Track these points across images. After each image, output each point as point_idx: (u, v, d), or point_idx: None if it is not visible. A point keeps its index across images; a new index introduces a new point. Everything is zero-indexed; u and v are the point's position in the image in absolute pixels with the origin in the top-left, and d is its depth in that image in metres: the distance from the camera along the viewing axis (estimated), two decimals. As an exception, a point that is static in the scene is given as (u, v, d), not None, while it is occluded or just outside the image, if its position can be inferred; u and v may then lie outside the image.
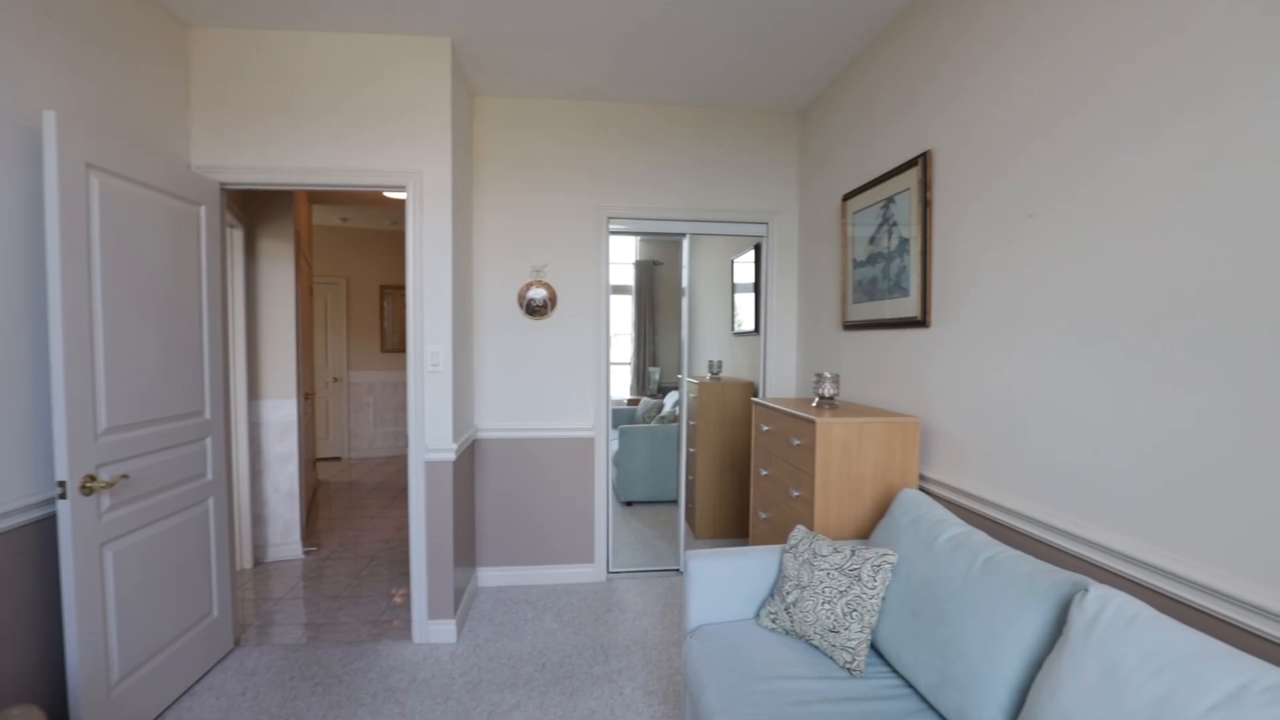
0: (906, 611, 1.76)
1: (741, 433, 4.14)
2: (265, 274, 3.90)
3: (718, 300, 4.60)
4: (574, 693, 2.50)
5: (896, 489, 2.31)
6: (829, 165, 3.25)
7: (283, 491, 3.99)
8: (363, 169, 2.80)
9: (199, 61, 2.73)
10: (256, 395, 3.90)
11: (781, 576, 2.05)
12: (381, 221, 6.88)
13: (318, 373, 7.03)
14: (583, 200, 3.54)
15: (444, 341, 2.88)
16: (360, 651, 2.83)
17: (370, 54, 2.80)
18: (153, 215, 2.33)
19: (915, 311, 2.41)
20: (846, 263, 2.97)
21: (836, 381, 2.57)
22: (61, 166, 1.92)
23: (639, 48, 2.90)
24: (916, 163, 2.38)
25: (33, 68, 1.96)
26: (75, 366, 1.97)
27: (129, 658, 2.19)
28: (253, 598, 3.44)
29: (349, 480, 6.28)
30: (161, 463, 2.38)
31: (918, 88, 2.44)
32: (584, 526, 3.63)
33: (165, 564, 2.40)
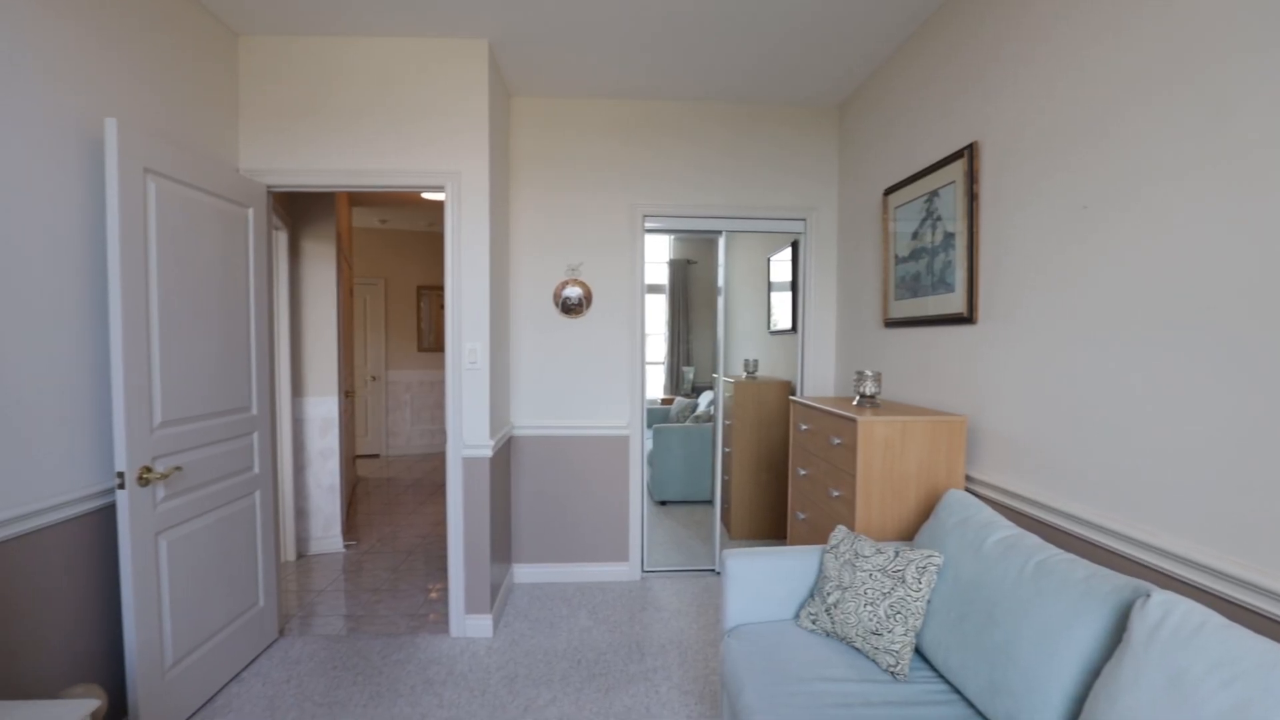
0: (953, 615, 1.71)
1: (778, 432, 4.09)
2: (308, 274, 4.00)
3: (753, 299, 4.55)
4: (609, 690, 2.50)
5: (941, 490, 2.25)
6: (869, 159, 3.19)
7: (324, 486, 4.09)
8: (403, 170, 2.85)
9: (247, 68, 2.81)
10: (300, 392, 4.01)
11: (822, 577, 2.01)
12: (419, 223, 7.01)
13: (357, 371, 7.19)
14: (617, 199, 3.54)
15: (481, 339, 2.91)
16: (399, 644, 2.88)
17: (410, 57, 2.85)
18: (204, 217, 2.41)
19: (961, 308, 2.34)
20: (888, 259, 2.91)
21: (878, 380, 2.52)
22: (122, 171, 2.00)
23: (672, 44, 2.89)
24: (962, 154, 2.31)
25: (95, 76, 2.05)
26: (133, 362, 2.05)
27: (181, 643, 2.27)
28: (296, 589, 3.53)
29: (387, 477, 6.41)
30: (211, 456, 2.46)
31: (964, 78, 2.37)
32: (618, 525, 3.63)
33: (215, 554, 2.48)
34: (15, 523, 1.77)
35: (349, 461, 5.25)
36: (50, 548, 1.89)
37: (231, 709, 2.37)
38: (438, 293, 7.55)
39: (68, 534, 1.95)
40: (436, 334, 7.57)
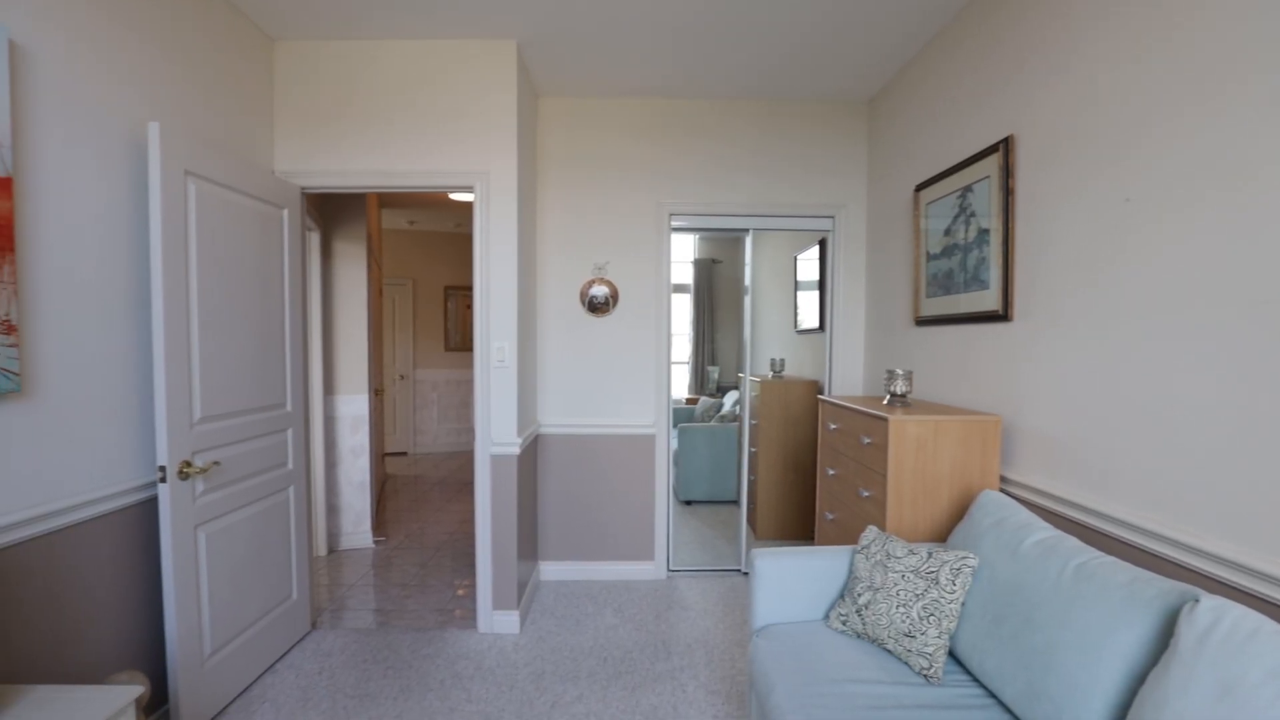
0: (989, 618, 1.67)
1: (805, 432, 4.05)
2: (339, 275, 4.08)
3: (779, 297, 4.52)
4: (636, 688, 2.50)
5: (975, 490, 2.20)
6: (900, 155, 3.14)
7: (355, 483, 4.16)
8: (432, 170, 2.89)
9: (282, 72, 2.87)
10: (331, 390, 4.08)
11: (852, 578, 1.99)
12: (446, 224, 7.10)
13: (385, 370, 7.30)
14: (644, 197, 3.54)
15: (509, 338, 2.93)
16: (428, 638, 2.91)
17: (439, 59, 2.88)
18: (241, 218, 2.46)
19: (995, 305, 2.29)
20: (919, 256, 2.86)
21: (909, 378, 2.48)
22: (164, 174, 2.05)
23: (698, 41, 2.88)
24: (997, 148, 2.26)
25: (139, 82, 2.11)
26: (175, 359, 2.11)
27: (219, 633, 2.33)
28: (327, 583, 3.60)
29: (414, 474, 6.49)
30: (248, 451, 2.51)
31: (1000, 70, 2.32)
32: (644, 524, 3.63)
33: (251, 547, 2.53)
34: (66, 513, 1.83)
35: (378, 459, 5.33)
36: (97, 539, 1.96)
37: (267, 699, 2.42)
38: (464, 293, 7.63)
39: (112, 525, 2.02)
40: (463, 334, 7.65)
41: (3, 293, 1.61)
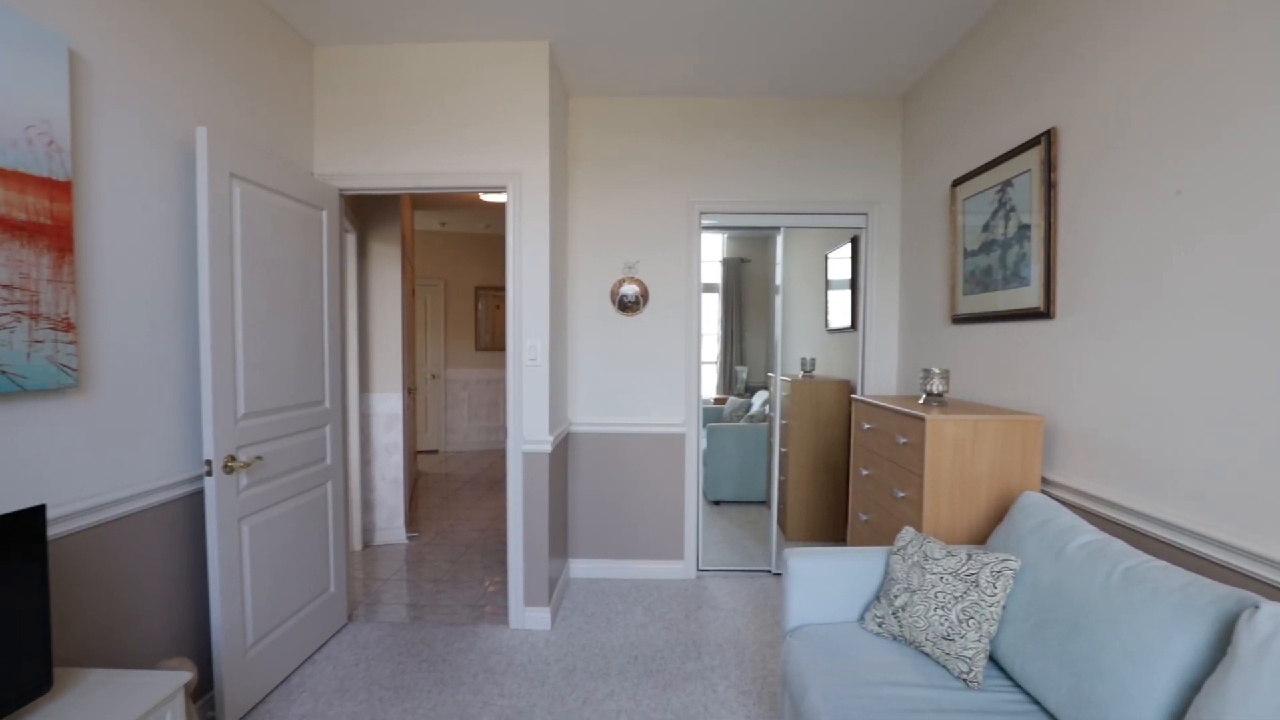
0: (1031, 622, 1.63)
1: (836, 432, 4.00)
2: (374, 275, 4.16)
3: (809, 296, 4.47)
4: (666, 686, 2.49)
5: (1015, 492, 2.15)
6: (936, 150, 3.08)
7: (389, 479, 4.23)
8: (466, 171, 2.93)
9: (321, 77, 2.94)
10: (366, 389, 4.16)
11: (888, 579, 1.96)
12: (476, 225, 7.18)
13: (418, 369, 7.42)
14: (674, 196, 3.54)
15: (541, 336, 2.96)
16: (460, 633, 2.95)
17: (472, 61, 2.92)
18: (282, 219, 2.53)
19: (1037, 302, 2.23)
20: (956, 252, 2.80)
21: (946, 377, 2.43)
22: (211, 176, 2.12)
23: (729, 38, 2.86)
24: (1039, 141, 2.21)
25: (187, 87, 2.18)
26: (220, 356, 2.17)
27: (261, 624, 2.39)
28: (362, 577, 3.67)
29: (445, 472, 6.58)
30: (289, 447, 2.58)
31: (1042, 62, 2.26)
32: (673, 523, 3.63)
33: (291, 540, 2.60)
34: (119, 504, 1.90)
35: (411, 456, 5.42)
36: (147, 530, 2.03)
37: (306, 688, 2.48)
38: (494, 293, 7.72)
39: (161, 517, 2.09)
40: (492, 333, 7.73)
41: (63, 291, 1.68)
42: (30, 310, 1.59)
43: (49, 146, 1.63)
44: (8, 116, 1.53)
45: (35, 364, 1.61)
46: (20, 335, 1.57)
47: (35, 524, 1.42)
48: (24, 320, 1.58)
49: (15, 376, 1.56)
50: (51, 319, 1.65)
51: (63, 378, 1.69)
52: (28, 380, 1.59)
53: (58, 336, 1.67)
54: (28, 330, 1.59)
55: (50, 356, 1.65)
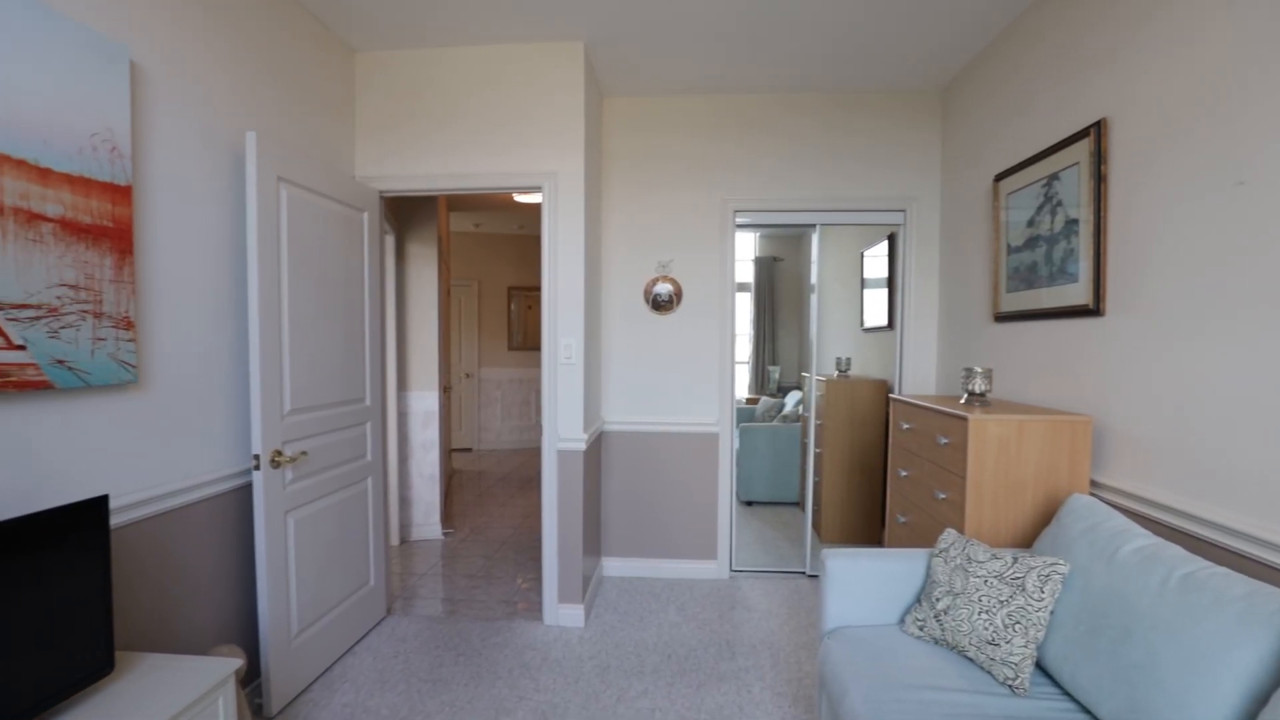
0: (1082, 628, 1.58)
1: (872, 433, 3.94)
2: (412, 275, 4.24)
3: (844, 295, 4.40)
4: (700, 686, 2.49)
5: (1063, 495, 2.09)
6: (977, 144, 3.01)
7: (425, 476, 4.31)
8: (502, 172, 2.97)
9: (362, 81, 3.01)
10: (404, 387, 4.25)
11: (930, 582, 1.92)
12: (510, 226, 7.27)
13: (452, 368, 7.54)
14: (708, 194, 3.53)
15: (576, 335, 2.98)
16: (496, 628, 2.99)
17: (509, 63, 2.96)
18: (326, 221, 2.59)
19: (1085, 299, 2.16)
20: (999, 249, 2.73)
21: (989, 376, 2.37)
22: (260, 180, 2.19)
23: (764, 33, 2.84)
24: (1088, 133, 2.14)
25: (237, 93, 2.26)
26: (268, 354, 2.24)
27: (305, 614, 2.45)
28: (399, 571, 3.74)
29: (479, 470, 6.67)
30: (332, 443, 2.64)
31: (1092, 50, 2.19)
32: (706, 523, 3.61)
33: (333, 534, 2.66)
34: (173, 496, 1.97)
35: (446, 454, 5.51)
36: (198, 521, 2.10)
37: (347, 679, 2.54)
38: (527, 293, 7.80)
39: (212, 509, 2.16)
40: (524, 333, 7.81)
41: (123, 291, 1.75)
42: (94, 309, 1.67)
43: (111, 153, 1.70)
44: (75, 125, 1.60)
45: (98, 361, 1.68)
46: (85, 333, 1.64)
47: (99, 513, 1.49)
48: (88, 319, 1.65)
49: (81, 373, 1.63)
50: (113, 318, 1.72)
51: (123, 374, 1.76)
52: (92, 376, 1.66)
53: (118, 335, 1.74)
54: (92, 328, 1.66)
55: (112, 354, 1.72)
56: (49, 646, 1.37)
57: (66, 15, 1.61)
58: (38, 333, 1.53)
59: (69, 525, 1.42)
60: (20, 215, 1.48)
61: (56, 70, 1.56)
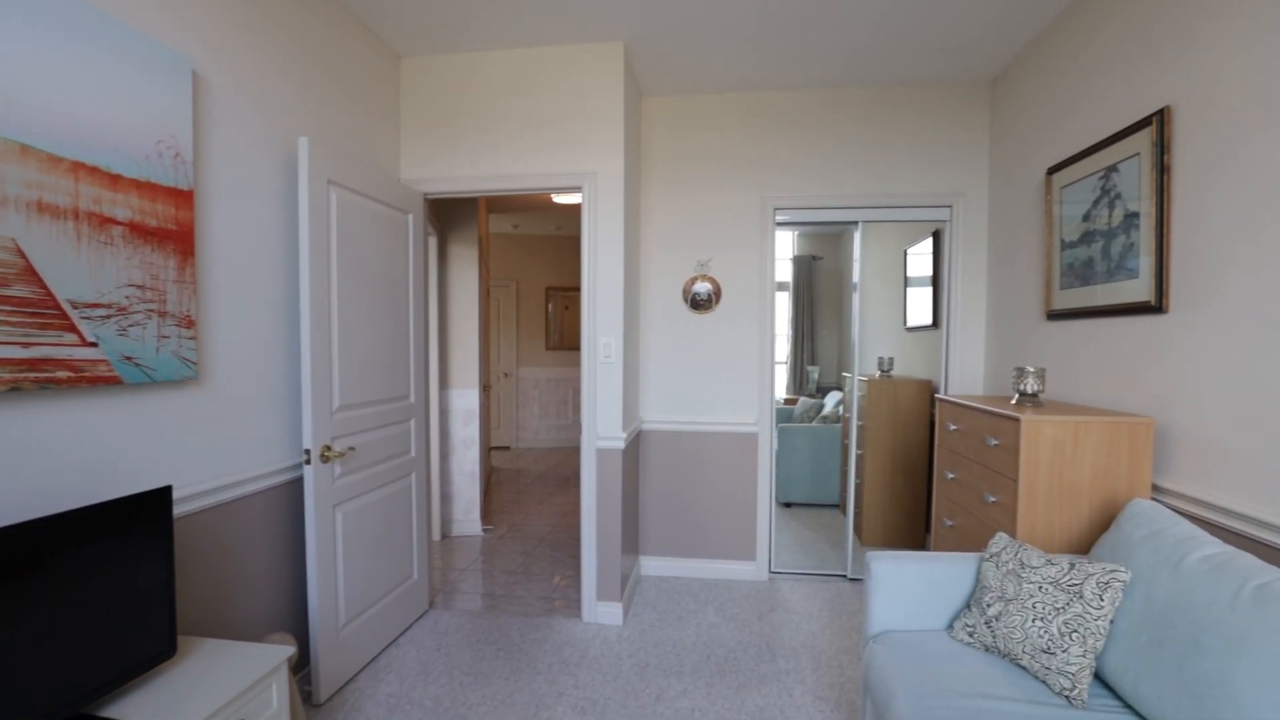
0: (1144, 638, 1.51)
1: (915, 434, 3.85)
2: (453, 276, 4.31)
3: (886, 294, 4.31)
4: (741, 687, 2.47)
5: (1122, 499, 2.00)
6: (1028, 137, 2.91)
7: (465, 473, 4.38)
8: (543, 173, 3.00)
9: (406, 86, 3.08)
10: (445, 385, 4.33)
11: (980, 587, 1.86)
12: (548, 226, 7.34)
13: (491, 368, 7.65)
14: (747, 192, 3.50)
15: (615, 334, 2.99)
16: (535, 624, 3.01)
17: (549, 65, 2.98)
18: (373, 223, 2.66)
19: (1146, 295, 2.07)
20: (1051, 244, 2.64)
21: (1041, 376, 2.29)
22: (311, 183, 2.26)
23: (803, 28, 2.80)
24: (1150, 122, 2.05)
25: (290, 99, 2.33)
26: (318, 352, 2.31)
27: (352, 605, 2.52)
28: (440, 566, 3.81)
29: (516, 468, 6.75)
30: (378, 439, 2.71)
31: (1152, 35, 2.10)
32: (745, 523, 3.58)
33: (379, 528, 2.73)
34: (230, 489, 2.05)
35: (485, 452, 5.60)
36: (252, 513, 2.18)
37: (391, 670, 2.60)
38: (564, 293, 7.86)
39: (264, 502, 2.24)
40: (561, 333, 7.88)
41: (185, 291, 1.83)
42: (159, 309, 1.74)
43: (175, 159, 1.78)
44: (142, 133, 1.68)
45: (162, 358, 1.76)
46: (150, 331, 1.72)
47: (163, 503, 1.55)
48: (154, 318, 1.73)
49: (146, 369, 1.71)
50: (176, 316, 1.80)
51: (184, 370, 1.84)
52: (156, 372, 1.74)
53: (180, 333, 1.82)
54: (157, 326, 1.74)
55: (175, 351, 1.80)
56: (118, 629, 1.43)
57: (137, 29, 1.68)
58: (108, 330, 1.60)
59: (136, 514, 1.48)
60: (93, 219, 1.56)
61: (126, 81, 1.64)
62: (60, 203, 1.48)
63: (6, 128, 1.37)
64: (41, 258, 1.44)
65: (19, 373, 1.40)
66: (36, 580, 1.27)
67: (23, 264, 1.41)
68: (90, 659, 1.37)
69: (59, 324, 1.49)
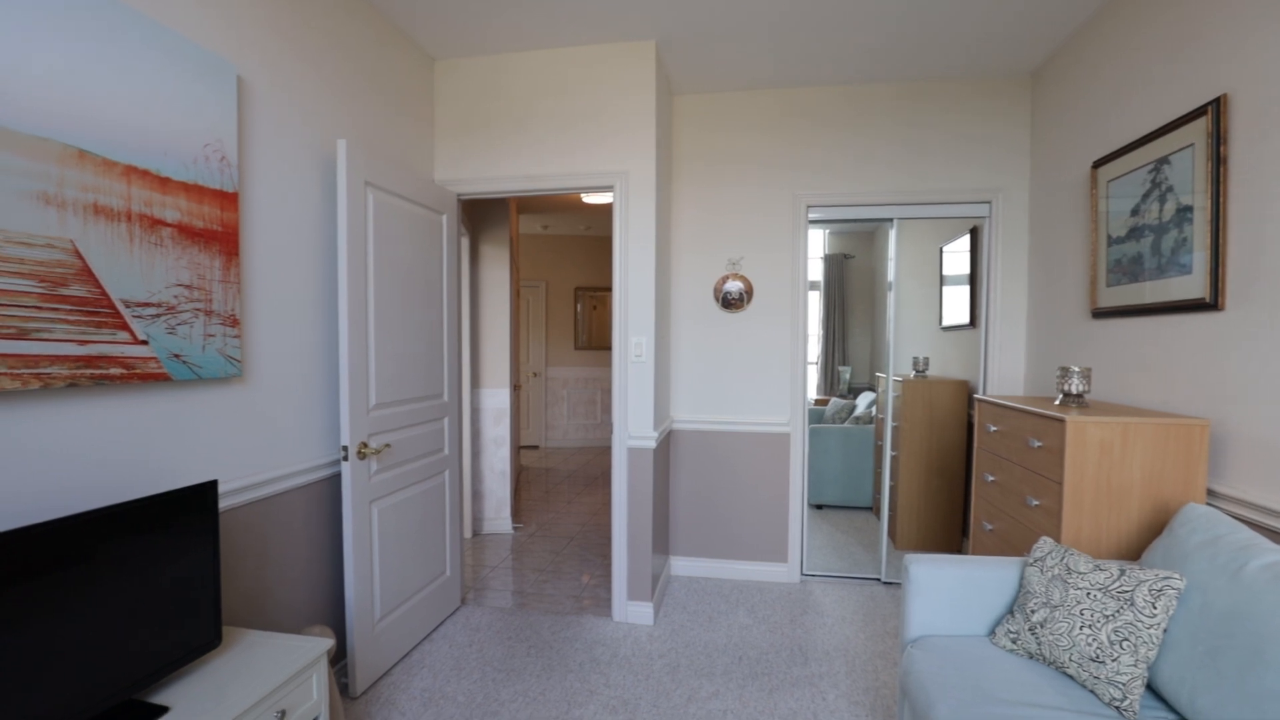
0: (1201, 649, 1.45)
1: (952, 435, 3.76)
2: (485, 276, 4.36)
3: (920, 292, 4.23)
4: (773, 690, 2.44)
5: (1174, 504, 1.93)
6: (1072, 130, 2.83)
7: (496, 471, 4.42)
8: (574, 172, 3.01)
9: (440, 88, 3.12)
10: (477, 384, 4.37)
11: (1024, 592, 1.81)
12: (577, 227, 7.38)
13: (520, 367, 7.71)
14: (779, 191, 3.47)
15: (647, 333, 2.98)
16: (565, 622, 3.02)
17: (581, 65, 2.99)
18: (408, 224, 2.70)
19: (1201, 292, 1.99)
20: (1097, 240, 2.55)
21: (1087, 376, 2.22)
22: (349, 185, 2.30)
23: (838, 23, 2.76)
24: (1204, 112, 1.97)
25: (328, 103, 2.38)
26: (356, 351, 2.35)
27: (387, 600, 2.56)
28: (471, 563, 3.85)
29: (545, 467, 6.80)
30: (413, 436, 2.75)
31: (1207, 20, 2.02)
32: (776, 524, 3.54)
33: (413, 524, 2.76)
34: (272, 483, 2.10)
35: (515, 450, 5.64)
36: (292, 508, 2.23)
37: (425, 665, 2.63)
38: (593, 294, 7.89)
39: (303, 498, 2.28)
40: (590, 333, 7.91)
41: (230, 290, 1.88)
42: (205, 307, 1.79)
43: (221, 162, 1.83)
44: (190, 137, 1.73)
45: (208, 355, 1.81)
46: (197, 329, 1.77)
47: (210, 497, 1.60)
48: (200, 316, 1.78)
49: (194, 366, 1.76)
50: (221, 315, 1.85)
51: (229, 368, 1.89)
52: (203, 370, 1.79)
53: (225, 331, 1.87)
54: (203, 325, 1.79)
55: (220, 349, 1.85)
56: (167, 619, 1.48)
57: (186, 37, 1.74)
58: (158, 329, 1.65)
59: (184, 508, 1.53)
60: (144, 221, 1.61)
61: (175, 88, 1.69)
62: (114, 205, 1.53)
63: (67, 134, 1.43)
64: (97, 259, 1.50)
65: (76, 369, 1.46)
66: (90, 571, 1.31)
67: (80, 265, 1.46)
68: (141, 647, 1.41)
69: (113, 323, 1.54)
